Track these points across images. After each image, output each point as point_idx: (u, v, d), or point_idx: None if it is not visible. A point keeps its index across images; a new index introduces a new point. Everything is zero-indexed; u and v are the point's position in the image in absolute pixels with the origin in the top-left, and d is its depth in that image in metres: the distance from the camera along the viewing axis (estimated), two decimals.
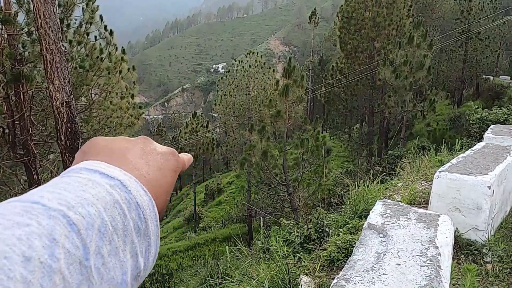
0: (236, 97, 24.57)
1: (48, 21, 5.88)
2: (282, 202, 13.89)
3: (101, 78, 11.03)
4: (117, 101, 12.46)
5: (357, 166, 19.64)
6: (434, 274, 1.51)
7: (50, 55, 5.95)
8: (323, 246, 3.32)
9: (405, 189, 4.46)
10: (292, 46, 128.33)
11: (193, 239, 23.12)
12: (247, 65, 24.63)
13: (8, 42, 7.09)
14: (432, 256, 1.64)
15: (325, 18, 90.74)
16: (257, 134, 10.92)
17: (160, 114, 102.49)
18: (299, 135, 12.12)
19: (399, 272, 1.54)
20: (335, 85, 23.16)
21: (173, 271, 18.45)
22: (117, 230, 0.36)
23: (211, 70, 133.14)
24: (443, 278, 1.53)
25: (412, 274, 1.52)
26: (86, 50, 10.68)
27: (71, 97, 6.34)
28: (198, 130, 26.72)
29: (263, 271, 2.39)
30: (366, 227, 1.98)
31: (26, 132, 7.32)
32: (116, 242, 0.36)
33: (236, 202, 28.27)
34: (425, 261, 1.60)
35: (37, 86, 7.88)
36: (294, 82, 10.72)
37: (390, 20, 20.03)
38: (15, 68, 6.96)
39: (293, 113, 11.35)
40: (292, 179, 11.96)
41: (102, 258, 0.34)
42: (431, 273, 1.52)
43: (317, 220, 4.27)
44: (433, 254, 1.65)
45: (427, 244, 1.73)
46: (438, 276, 1.50)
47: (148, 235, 0.40)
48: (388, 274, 1.53)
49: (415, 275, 1.52)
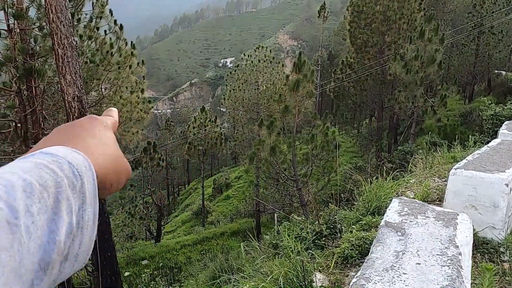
0: (244, 92, 24.53)
1: (60, 15, 5.89)
2: (291, 198, 13.87)
3: (111, 72, 11.08)
4: (127, 96, 12.53)
5: (366, 162, 19.53)
6: (456, 274, 1.48)
7: (61, 50, 5.98)
8: (335, 242, 3.30)
9: (418, 185, 4.41)
10: (300, 41, 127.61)
11: (201, 233, 23.24)
12: (256, 59, 24.54)
13: (20, 36, 7.13)
14: (452, 255, 1.61)
15: (334, 12, 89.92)
16: (266, 129, 10.89)
17: (168, 108, 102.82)
18: (308, 130, 12.07)
19: (419, 271, 1.51)
20: (345, 80, 22.99)
21: (181, 265, 18.57)
22: (47, 187, 0.36)
23: (219, 64, 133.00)
24: (465, 278, 1.50)
25: (433, 274, 1.49)
26: (97, 45, 10.73)
27: (82, 91, 6.37)
28: (206, 125, 26.76)
29: (276, 267, 2.38)
30: (383, 225, 1.95)
31: (38, 126, 7.39)
32: (46, 200, 0.35)
33: (244, 196, 28.33)
34: (446, 261, 1.57)
35: (48, 80, 7.93)
36: (304, 77, 10.65)
37: (401, 14, 19.77)
38: (27, 62, 7.01)
39: (303, 108, 11.30)
40: (301, 174, 11.93)
41: (32, 217, 0.33)
42: (453, 273, 1.49)
43: (328, 216, 4.25)
44: (453, 254, 1.62)
45: (447, 243, 1.70)
46: (459, 276, 1.47)
47: (83, 193, 0.39)
48: (408, 273, 1.51)
49: (436, 275, 1.49)
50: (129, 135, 12.79)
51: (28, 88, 7.22)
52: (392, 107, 20.48)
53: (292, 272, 2.32)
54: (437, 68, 16.68)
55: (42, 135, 7.44)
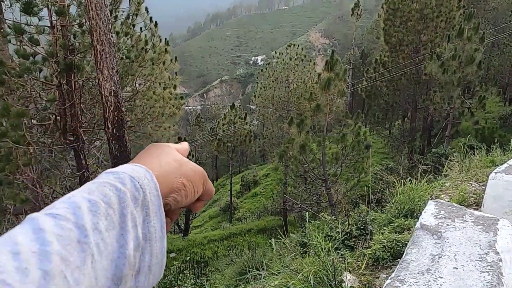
0: (275, 90, 24.48)
1: (99, 12, 6.09)
2: (319, 197, 13.76)
3: (145, 68, 11.33)
4: (160, 91, 12.78)
5: (397, 163, 19.05)
6: (496, 281, 1.43)
7: (100, 46, 6.17)
8: (366, 244, 3.25)
9: (454, 189, 4.27)
10: (332, 39, 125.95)
11: (228, 229, 23.45)
12: (287, 57, 24.43)
13: (62, 33, 7.42)
14: (492, 261, 1.55)
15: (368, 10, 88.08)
16: (296, 127, 10.83)
17: (199, 105, 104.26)
18: (339, 129, 11.91)
19: (457, 276, 1.47)
20: (377, 79, 22.51)
21: (208, 259, 18.82)
22: (112, 204, 0.37)
23: (250, 62, 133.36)
24: (505, 285, 1.44)
25: (472, 280, 1.45)
26: (132, 41, 10.99)
27: (119, 86, 6.56)
28: (235, 122, 26.91)
29: (306, 266, 2.37)
30: (419, 228, 1.90)
31: (76, 119, 7.68)
32: (112, 216, 0.36)
33: (272, 194, 28.34)
34: (485, 267, 1.52)
35: (86, 75, 8.22)
36: (336, 75, 10.51)
37: (439, 12, 19.11)
38: (67, 58, 7.29)
39: (334, 107, 11.16)
40: (331, 174, 11.80)
41: (100, 233, 0.34)
42: (492, 280, 1.44)
43: (358, 217, 4.18)
44: (493, 260, 1.56)
45: (486, 249, 1.64)
46: (500, 284, 1.42)
47: (146, 205, 0.40)
48: (445, 277, 1.46)
49: (475, 280, 1.44)
50: (161, 130, 13.05)
51: (68, 83, 7.52)
52: (427, 107, 19.86)
53: (322, 271, 2.30)
54: (476, 68, 16.03)
55: (79, 128, 7.73)
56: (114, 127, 6.56)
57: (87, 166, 8.04)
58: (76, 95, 7.58)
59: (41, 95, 7.89)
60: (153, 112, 12.26)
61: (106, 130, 6.82)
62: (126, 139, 6.78)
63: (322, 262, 2.31)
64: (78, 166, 8.10)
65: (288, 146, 11.34)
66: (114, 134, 6.59)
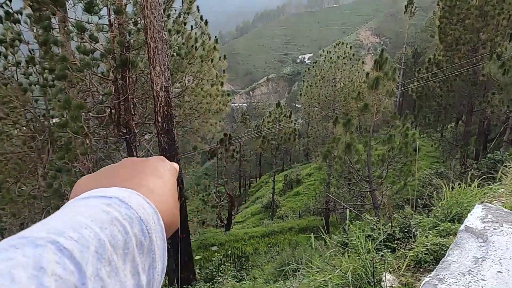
0: (321, 88, 24.23)
1: (154, 11, 6.38)
2: (363, 199, 13.48)
3: (194, 65, 11.67)
4: (208, 88, 13.11)
5: (448, 168, 18.18)
6: None
7: (153, 43, 6.48)
8: (408, 246, 3.18)
9: (508, 196, 4.05)
10: (383, 37, 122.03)
11: (270, 227, 23.56)
12: (335, 56, 24.08)
13: (119, 30, 7.85)
14: None
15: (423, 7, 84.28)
16: (341, 126, 10.68)
17: (244, 102, 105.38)
18: (386, 130, 11.59)
19: (500, 280, 1.43)
20: (430, 80, 21.56)
21: (248, 255, 19.05)
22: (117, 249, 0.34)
23: (297, 60, 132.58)
24: None
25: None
26: (183, 39, 11.36)
27: (169, 82, 6.84)
28: (280, 120, 26.94)
29: (345, 262, 2.38)
30: (463, 230, 1.86)
31: (129, 113, 8.10)
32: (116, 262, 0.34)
33: (314, 194, 28.11)
34: None
35: (139, 71, 8.64)
36: (385, 74, 10.23)
37: (500, 9, 17.95)
38: (123, 54, 7.71)
39: (382, 107, 10.87)
40: (376, 176, 11.52)
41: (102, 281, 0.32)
42: None
43: (402, 220, 4.09)
44: None
45: None
46: None
47: (153, 250, 0.38)
48: (487, 280, 1.43)
49: None
50: (207, 126, 13.38)
51: (123, 78, 7.95)
52: (484, 110, 18.77)
53: (360, 269, 2.30)
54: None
55: (132, 121, 8.15)
56: (164, 121, 6.86)
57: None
58: (129, 89, 7.99)
59: (98, 89, 8.40)
60: (201, 108, 12.60)
61: (156, 124, 7.14)
62: (174, 132, 7.06)
63: (362, 260, 2.31)
64: (130, 157, 8.53)
65: (333, 145, 11.21)
66: (163, 127, 6.90)
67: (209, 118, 13.65)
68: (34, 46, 9.53)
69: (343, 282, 2.32)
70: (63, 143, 8.19)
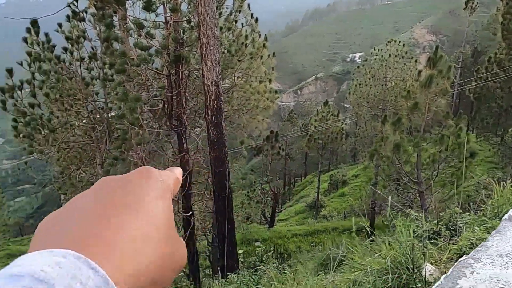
0: (371, 87, 23.69)
1: (207, 9, 6.67)
2: (411, 201, 13.06)
3: (244, 62, 11.92)
4: (256, 85, 13.33)
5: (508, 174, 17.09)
6: None
7: (206, 39, 6.77)
8: (453, 241, 3.15)
9: None
10: (440, 35, 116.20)
11: (313, 226, 23.48)
12: (386, 54, 23.43)
13: (174, 27, 8.26)
14: None
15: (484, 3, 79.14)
16: (390, 125, 10.45)
17: (292, 101, 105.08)
18: (438, 131, 11.16)
19: None
20: (490, 80, 20.37)
21: (291, 252, 19.12)
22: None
23: (347, 59, 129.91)
24: None
25: None
26: (233, 36, 11.65)
27: (220, 77, 7.11)
28: (328, 119, 26.67)
29: (386, 248, 2.43)
30: (507, 219, 1.86)
31: (181, 106, 8.50)
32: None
33: (360, 195, 27.57)
34: None
35: (191, 67, 9.02)
36: (439, 72, 9.87)
37: None
38: (177, 50, 8.10)
39: (434, 107, 10.49)
40: (425, 177, 11.14)
41: None
42: None
43: (449, 217, 4.00)
44: None
45: None
46: None
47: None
48: None
49: None
50: (254, 122, 13.62)
51: (176, 73, 8.36)
52: None
53: (400, 256, 2.35)
54: None
55: (183, 114, 8.55)
56: (214, 114, 7.14)
57: (188, 150, 8.84)
58: (182, 84, 8.39)
59: (153, 84, 8.88)
60: (248, 104, 12.85)
61: (206, 117, 7.45)
62: (223, 126, 7.32)
63: (402, 247, 2.35)
64: (180, 149, 8.95)
65: (381, 144, 10.99)
66: (213, 120, 7.18)
67: (257, 114, 13.87)
68: (96, 43, 10.28)
69: (382, 268, 2.37)
70: (120, 134, 8.76)
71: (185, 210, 8.75)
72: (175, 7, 7.57)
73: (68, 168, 11.70)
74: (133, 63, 7.79)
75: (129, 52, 7.82)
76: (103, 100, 10.92)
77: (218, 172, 7.54)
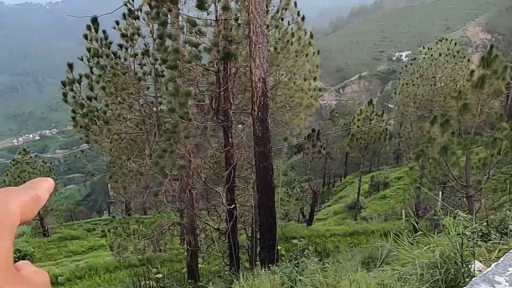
0: (418, 87, 22.94)
1: (257, 7, 6.85)
2: (458, 206, 12.61)
3: (289, 60, 12.02)
4: (300, 83, 13.38)
5: None
6: None
7: (255, 37, 6.95)
8: (503, 241, 3.12)
9: None
10: (496, 34, 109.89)
11: (352, 227, 23.19)
12: (436, 53, 22.58)
13: (224, 25, 8.52)
14: None
15: None
16: (439, 126, 10.16)
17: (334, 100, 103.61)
18: (490, 133, 10.70)
19: None
20: None
21: (329, 252, 19.04)
22: None
23: (393, 58, 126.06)
24: None
25: None
26: (280, 34, 11.78)
27: (267, 74, 7.28)
28: (372, 119, 26.17)
29: (434, 243, 2.48)
30: None
31: (228, 102, 8.77)
32: None
33: (403, 198, 26.86)
34: None
35: (239, 64, 9.26)
36: (493, 73, 9.46)
37: None
38: (226, 47, 8.36)
39: (486, 108, 10.07)
40: (474, 181, 10.73)
41: None
42: None
43: (500, 221, 3.93)
44: None
45: None
46: None
47: None
48: None
49: None
50: (297, 120, 13.68)
51: (224, 69, 8.63)
52: None
53: (449, 250, 2.40)
54: None
55: (230, 109, 8.81)
56: (260, 110, 7.33)
57: (233, 144, 9.11)
58: (230, 80, 8.65)
59: (202, 79, 9.21)
60: (292, 102, 12.93)
61: (252, 113, 7.65)
62: (268, 122, 7.50)
63: (451, 242, 2.39)
64: (225, 143, 9.24)
65: (428, 145, 10.71)
66: (259, 116, 7.37)
67: (300, 112, 13.92)
68: (149, 40, 10.80)
69: (430, 262, 2.43)
70: (168, 127, 9.17)
71: (228, 203, 9.03)
72: (226, 5, 7.83)
73: (119, 158, 12.36)
74: (185, 60, 8.13)
75: (181, 48, 8.17)
76: (153, 94, 11.46)
77: (262, 167, 7.73)
